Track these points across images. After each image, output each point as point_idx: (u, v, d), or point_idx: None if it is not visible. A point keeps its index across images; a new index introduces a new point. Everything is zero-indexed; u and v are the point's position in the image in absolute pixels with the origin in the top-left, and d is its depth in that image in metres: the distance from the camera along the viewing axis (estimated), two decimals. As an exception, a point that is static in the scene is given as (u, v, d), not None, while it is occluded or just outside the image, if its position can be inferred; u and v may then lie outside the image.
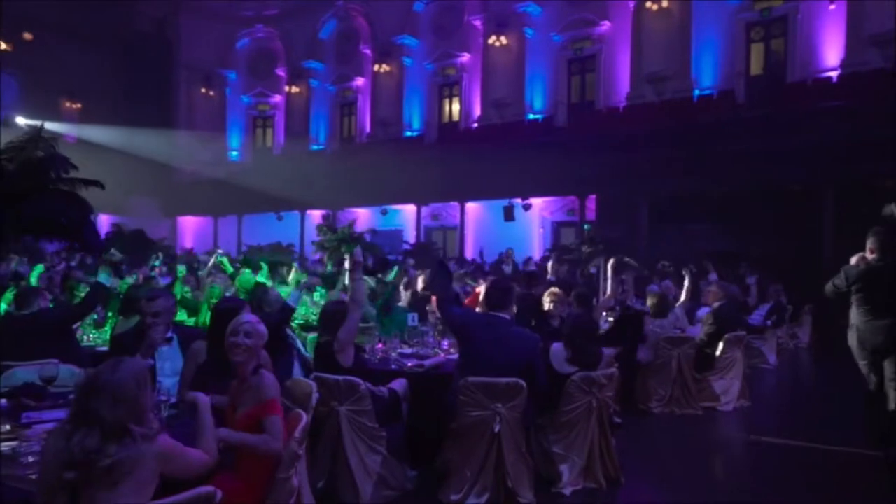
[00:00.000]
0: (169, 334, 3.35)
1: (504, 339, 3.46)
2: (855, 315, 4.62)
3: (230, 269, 7.32)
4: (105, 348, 4.51)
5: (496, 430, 3.35)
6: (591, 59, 17.83)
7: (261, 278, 5.67)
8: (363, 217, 21.70)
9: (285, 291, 6.28)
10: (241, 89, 25.09)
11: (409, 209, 19.52)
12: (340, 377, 3.32)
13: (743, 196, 12.71)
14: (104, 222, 18.50)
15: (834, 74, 14.18)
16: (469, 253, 18.38)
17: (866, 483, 4.28)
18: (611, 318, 6.21)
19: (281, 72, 24.76)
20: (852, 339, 4.68)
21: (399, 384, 3.74)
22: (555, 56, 18.31)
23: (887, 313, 4.44)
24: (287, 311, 3.85)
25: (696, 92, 15.76)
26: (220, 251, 7.63)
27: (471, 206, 18.62)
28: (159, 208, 22.91)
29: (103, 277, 4.03)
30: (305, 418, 2.54)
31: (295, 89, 24.32)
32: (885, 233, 4.55)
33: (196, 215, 24.16)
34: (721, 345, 5.94)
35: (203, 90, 24.51)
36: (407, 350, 4.55)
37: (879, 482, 4.26)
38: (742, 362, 6.04)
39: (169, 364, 3.27)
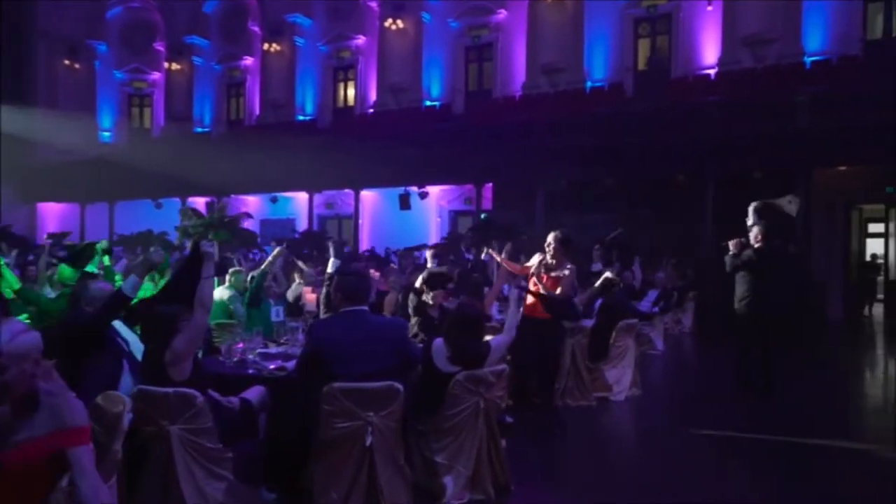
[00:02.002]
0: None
1: (367, 333, 2.99)
2: (746, 288, 5.90)
3: (108, 262, 6.23)
4: None
5: (368, 443, 2.87)
6: (488, 48, 17.71)
7: (92, 268, 4.77)
8: (253, 205, 20.40)
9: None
10: (114, 64, 22.79)
11: (302, 197, 18.55)
12: (171, 389, 2.69)
13: (633, 186, 13.03)
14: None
15: (712, 72, 14.91)
16: (365, 243, 17.77)
17: (758, 467, 4.23)
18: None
19: (160, 46, 22.76)
20: (744, 307, 5.92)
21: (255, 392, 3.15)
22: (452, 42, 18.03)
23: (772, 286, 5.87)
24: (113, 304, 3.11)
25: (589, 84, 16.05)
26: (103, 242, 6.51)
27: (367, 195, 17.97)
28: (15, 193, 20.27)
29: None
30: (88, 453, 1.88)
31: (176, 66, 22.45)
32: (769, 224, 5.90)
33: (60, 202, 21.69)
34: (614, 333, 5.82)
35: (67, 62, 22.00)
36: (274, 349, 3.95)
37: (774, 465, 4.22)
38: (634, 350, 5.96)
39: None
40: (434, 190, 16.57)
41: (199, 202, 19.82)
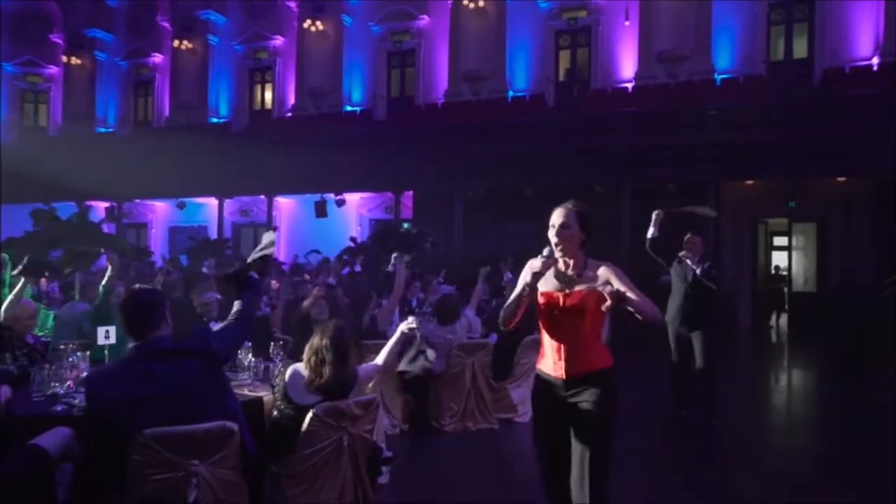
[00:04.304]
0: None
1: (166, 373, 2.36)
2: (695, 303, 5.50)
3: None
4: None
5: (191, 499, 2.33)
6: (410, 53, 17.36)
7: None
8: (161, 211, 19.20)
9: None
10: (3, 55, 20.88)
11: (216, 203, 17.49)
12: None
13: (554, 196, 12.88)
14: None
15: (630, 85, 15.14)
16: (281, 253, 16.92)
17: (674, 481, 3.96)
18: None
19: (57, 39, 21.06)
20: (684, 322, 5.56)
21: (54, 437, 2.53)
22: (374, 47, 17.57)
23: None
24: None
25: (511, 93, 15.97)
26: None
27: (284, 202, 17.19)
28: None
29: None
30: None
31: (76, 61, 20.82)
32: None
33: (-64, 205, 19.54)
34: (519, 349, 5.46)
35: (-56, 51, 19.96)
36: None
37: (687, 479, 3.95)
38: (541, 367, 5.62)
39: None
40: (354, 198, 16.00)
41: (100, 207, 18.44)
